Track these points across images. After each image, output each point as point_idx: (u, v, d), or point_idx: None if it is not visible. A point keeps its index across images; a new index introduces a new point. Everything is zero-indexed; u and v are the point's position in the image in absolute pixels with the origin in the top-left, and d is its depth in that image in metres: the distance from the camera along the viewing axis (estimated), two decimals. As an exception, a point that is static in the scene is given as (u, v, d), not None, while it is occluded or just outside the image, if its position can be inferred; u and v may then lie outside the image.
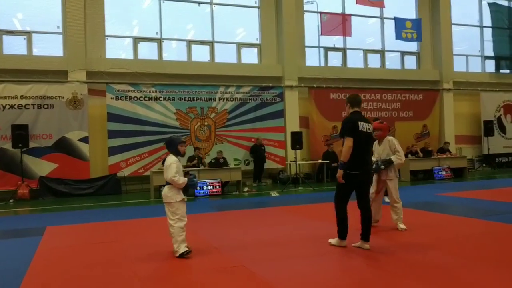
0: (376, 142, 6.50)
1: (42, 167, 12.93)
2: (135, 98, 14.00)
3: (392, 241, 5.73)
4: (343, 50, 17.40)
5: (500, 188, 11.57)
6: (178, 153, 5.49)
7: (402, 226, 6.37)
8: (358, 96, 5.63)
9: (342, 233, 5.37)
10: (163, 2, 14.97)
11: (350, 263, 4.90)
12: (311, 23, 16.78)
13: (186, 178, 5.34)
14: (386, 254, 5.11)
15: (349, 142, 5.14)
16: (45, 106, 13.09)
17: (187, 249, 5.25)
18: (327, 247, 5.46)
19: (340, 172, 5.13)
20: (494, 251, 5.13)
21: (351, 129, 5.20)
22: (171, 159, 5.37)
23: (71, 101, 13.27)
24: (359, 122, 5.25)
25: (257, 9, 16.19)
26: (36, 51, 13.66)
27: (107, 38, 14.30)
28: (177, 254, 5.21)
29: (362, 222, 5.32)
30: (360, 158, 5.21)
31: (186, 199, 5.43)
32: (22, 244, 6.38)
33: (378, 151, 6.53)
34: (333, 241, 5.51)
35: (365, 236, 5.30)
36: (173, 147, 5.49)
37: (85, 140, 13.36)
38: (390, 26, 17.55)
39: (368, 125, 5.37)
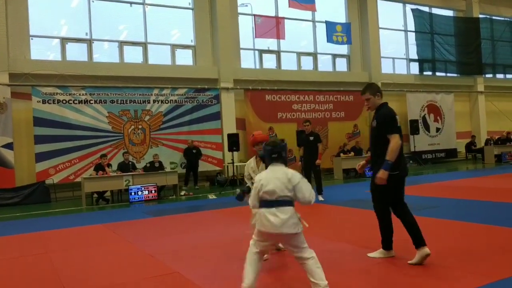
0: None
1: (-39, 177, 12.05)
2: (64, 102, 13.40)
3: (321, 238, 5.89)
4: (277, 53, 17.69)
5: (427, 184, 12.24)
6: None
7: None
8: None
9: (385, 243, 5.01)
10: (93, 1, 14.44)
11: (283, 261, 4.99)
12: (245, 26, 16.90)
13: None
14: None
15: (399, 139, 4.60)
16: (-37, 111, 12.23)
17: None
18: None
19: (385, 174, 4.48)
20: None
21: (397, 123, 4.67)
22: None
23: (-7, 105, 12.48)
24: None
25: (191, 10, 16.06)
26: (-49, 52, 12.69)
27: (31, 38, 13.57)
28: None
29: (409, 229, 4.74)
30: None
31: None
32: None
33: None
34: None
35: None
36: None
37: (9, 146, 12.59)
38: (322, 29, 18.07)
39: None
